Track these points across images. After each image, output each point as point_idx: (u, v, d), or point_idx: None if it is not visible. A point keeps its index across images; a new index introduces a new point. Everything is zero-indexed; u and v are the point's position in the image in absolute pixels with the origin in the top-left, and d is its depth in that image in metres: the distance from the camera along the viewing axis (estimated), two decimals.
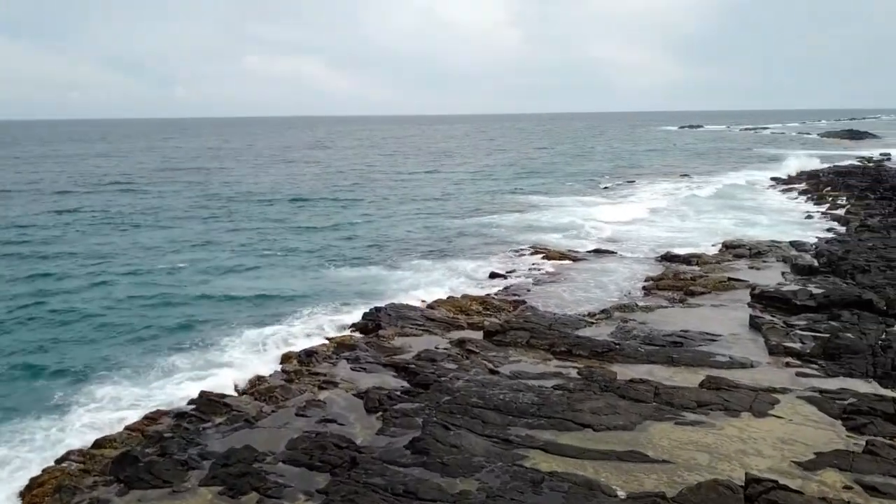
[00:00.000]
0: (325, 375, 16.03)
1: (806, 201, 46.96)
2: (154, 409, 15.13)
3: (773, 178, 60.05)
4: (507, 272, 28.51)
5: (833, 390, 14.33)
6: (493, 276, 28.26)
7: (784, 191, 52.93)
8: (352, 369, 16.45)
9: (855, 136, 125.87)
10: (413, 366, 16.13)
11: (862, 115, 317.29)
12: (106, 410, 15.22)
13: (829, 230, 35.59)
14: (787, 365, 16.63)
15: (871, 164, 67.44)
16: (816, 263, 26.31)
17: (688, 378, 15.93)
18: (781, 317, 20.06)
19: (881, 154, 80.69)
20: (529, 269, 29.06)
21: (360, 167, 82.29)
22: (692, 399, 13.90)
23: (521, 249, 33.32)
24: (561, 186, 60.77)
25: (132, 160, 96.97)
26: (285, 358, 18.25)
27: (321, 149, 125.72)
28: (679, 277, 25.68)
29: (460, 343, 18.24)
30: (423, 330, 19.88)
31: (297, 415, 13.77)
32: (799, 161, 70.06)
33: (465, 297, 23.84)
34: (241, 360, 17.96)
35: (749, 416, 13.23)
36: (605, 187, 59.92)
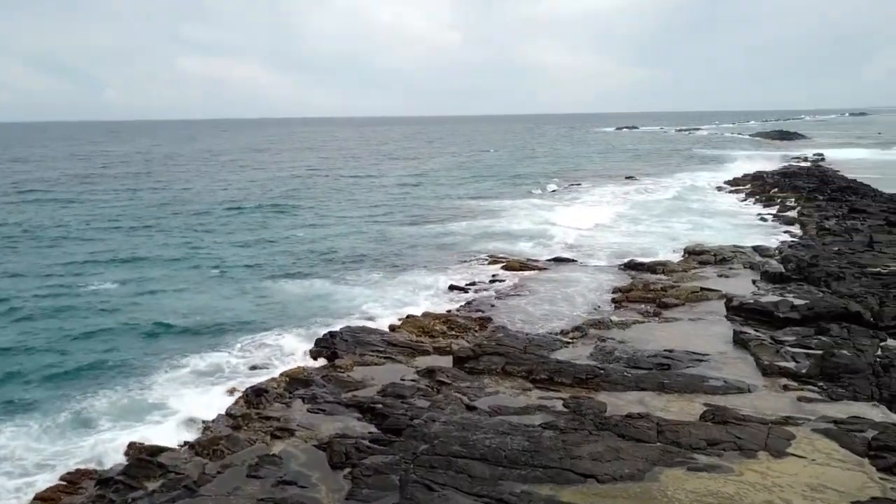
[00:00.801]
0: (278, 420, 13.84)
1: (755, 203, 46.94)
2: (73, 470, 12.69)
3: (718, 180, 60.35)
4: (467, 285, 26.74)
5: (846, 420, 13.05)
6: (451, 288, 26.48)
7: (731, 192, 53.03)
8: (309, 411, 14.30)
9: (785, 136, 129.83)
10: (380, 405, 14.10)
11: (787, 116, 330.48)
12: (8, 474, 12.63)
13: (786, 233, 35.27)
14: (786, 388, 15.38)
15: (811, 165, 68.78)
16: (784, 270, 25.52)
17: (684, 407, 14.48)
18: (765, 331, 18.91)
19: (815, 154, 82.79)
20: (490, 282, 27.37)
21: (299, 171, 79.17)
22: (700, 437, 12.36)
23: (478, 259, 31.69)
24: (509, 190, 59.54)
25: (52, 166, 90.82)
26: (231, 391, 16.03)
27: (258, 152, 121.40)
28: (649, 288, 24.43)
29: (429, 373, 16.32)
30: (384, 357, 17.87)
31: (248, 476, 11.54)
32: (744, 162, 70.97)
33: (426, 315, 21.93)
34: (177, 402, 15.55)
35: (767, 456, 11.76)
36: (553, 190, 59.01)
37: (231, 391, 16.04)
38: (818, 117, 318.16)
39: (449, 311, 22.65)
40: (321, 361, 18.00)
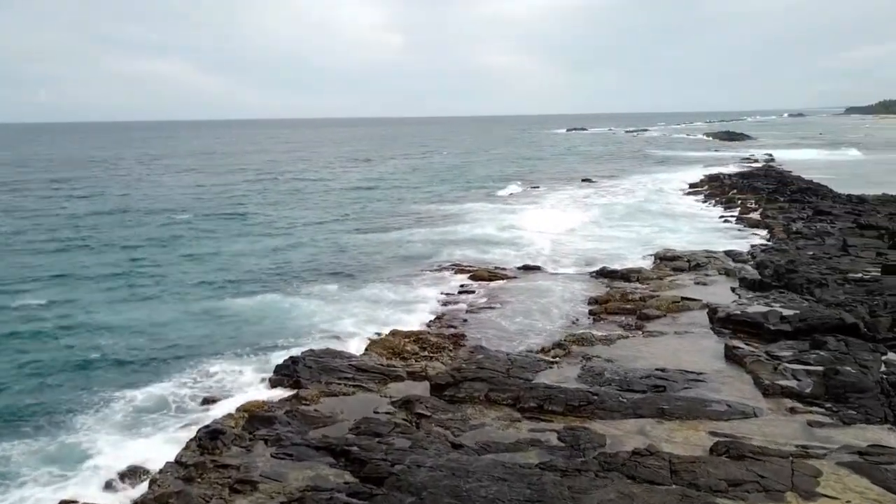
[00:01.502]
0: (237, 469, 11.97)
1: (715, 205, 46.69)
2: None
3: (676, 181, 60.29)
4: (435, 298, 25.15)
5: (870, 451, 11.95)
6: (418, 301, 24.88)
7: (690, 194, 52.81)
8: (273, 456, 12.46)
9: (733, 137, 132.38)
10: (356, 447, 12.37)
11: (730, 117, 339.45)
12: None
13: (753, 236, 34.81)
14: (792, 411, 14.28)
15: (764, 165, 69.52)
16: (761, 276, 24.75)
17: (689, 437, 13.23)
18: (757, 345, 17.90)
19: (765, 154, 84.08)
20: (458, 293, 25.85)
21: (246, 176, 76.01)
22: (720, 477, 11.06)
23: (443, 268, 30.11)
24: (466, 193, 58.17)
25: None
26: (180, 432, 14.07)
27: (201, 155, 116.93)
28: (627, 298, 23.29)
29: (406, 404, 14.66)
30: (354, 385, 16.13)
31: None
32: (698, 163, 71.31)
33: (395, 333, 20.23)
34: (116, 447, 13.48)
35: (796, 498, 10.53)
36: (511, 194, 57.90)
37: (179, 432, 14.05)
38: (759, 118, 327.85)
39: (420, 330, 20.97)
40: (283, 391, 16.13)
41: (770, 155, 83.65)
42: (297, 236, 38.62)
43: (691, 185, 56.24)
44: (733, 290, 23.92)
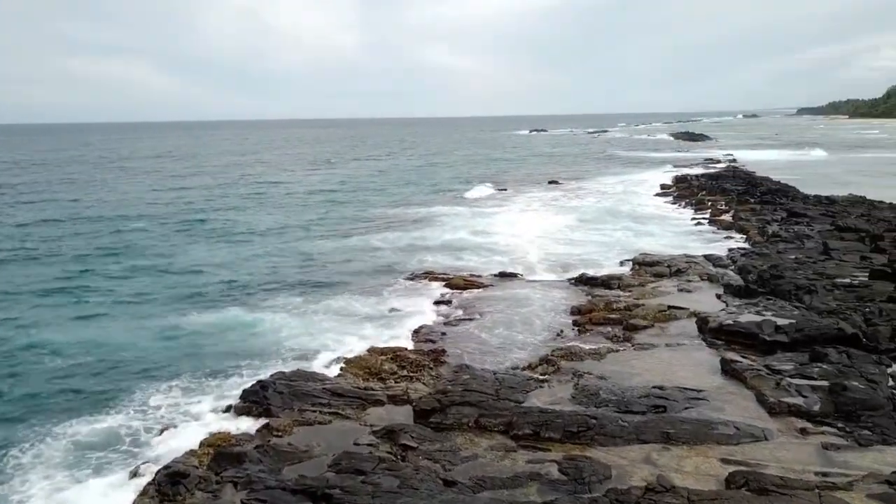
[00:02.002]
0: None
1: (685, 206, 46.34)
2: None
3: (643, 183, 60.08)
4: (410, 310, 23.85)
5: (894, 479, 11.08)
6: (392, 312, 23.60)
7: (658, 195, 52.47)
8: (244, 502, 11.02)
9: (693, 137, 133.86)
10: (338, 490, 11.00)
11: (686, 118, 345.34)
12: None
13: (728, 238, 34.33)
14: (803, 432, 13.38)
15: (727, 166, 69.87)
16: (744, 282, 24.09)
17: (700, 466, 12.21)
18: (754, 357, 17.06)
19: (726, 155, 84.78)
20: (434, 303, 24.58)
21: (203, 180, 73.33)
22: None
23: (416, 276, 28.79)
24: (433, 197, 56.97)
25: None
26: (134, 474, 12.52)
27: (154, 159, 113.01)
28: (612, 308, 22.31)
29: (389, 434, 13.34)
30: (330, 413, 14.74)
31: None
32: (663, 164, 71.36)
33: (371, 351, 18.88)
34: (55, 493, 11.84)
35: None
36: (479, 197, 56.85)
37: (134, 474, 12.48)
38: (715, 119, 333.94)
39: (396, 345, 19.63)
40: (251, 421, 14.65)
41: (732, 155, 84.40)
42: (258, 244, 36.85)
43: (660, 187, 55.94)
44: (718, 297, 23.17)
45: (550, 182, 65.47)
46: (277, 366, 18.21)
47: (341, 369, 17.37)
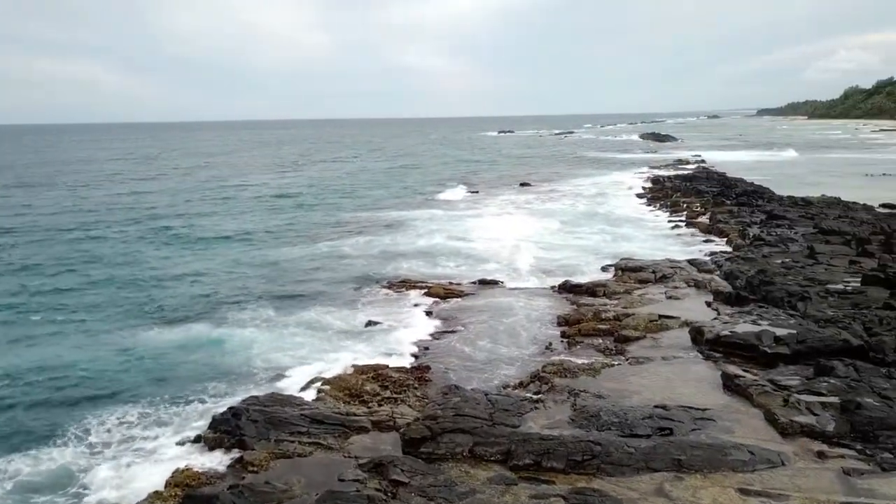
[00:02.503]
0: None
1: (660, 209, 45.88)
2: None
3: (615, 185, 59.69)
4: (389, 322, 22.63)
5: None
6: (370, 324, 22.36)
7: (632, 198, 52.00)
8: None
9: (660, 138, 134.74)
10: None
11: (650, 118, 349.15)
12: None
13: (707, 242, 33.81)
14: (821, 456, 12.52)
15: (697, 167, 69.92)
16: (732, 288, 23.42)
17: (719, 498, 11.25)
18: (756, 371, 16.25)
19: (694, 156, 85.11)
20: (413, 314, 23.40)
21: (163, 184, 70.63)
22: None
23: (392, 285, 27.59)
24: (405, 200, 55.67)
25: None
26: None
27: (112, 162, 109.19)
28: (600, 318, 21.37)
29: (377, 469, 12.10)
30: (310, 443, 13.45)
31: None
32: (633, 166, 71.13)
33: (354, 368, 17.63)
34: None
35: None
36: (450, 200, 55.78)
37: None
38: (679, 120, 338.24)
39: (376, 362, 18.37)
40: (223, 455, 13.28)
41: (700, 156, 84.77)
42: (224, 252, 35.13)
43: (634, 189, 55.54)
44: (708, 304, 22.41)
45: (522, 184, 64.70)
46: (249, 388, 16.88)
47: (319, 391, 16.09)
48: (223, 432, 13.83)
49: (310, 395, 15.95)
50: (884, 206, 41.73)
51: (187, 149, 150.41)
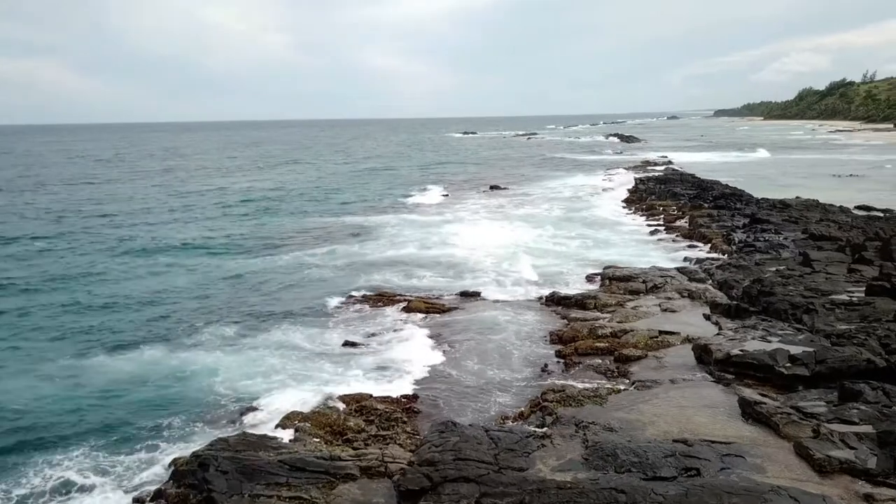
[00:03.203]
0: None
1: (635, 212, 44.88)
2: None
3: (587, 188, 58.70)
4: (366, 342, 20.83)
5: None
6: (346, 344, 20.56)
7: (606, 201, 50.96)
8: None
9: (624, 139, 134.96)
10: None
11: (611, 119, 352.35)
12: None
13: (690, 248, 32.74)
14: (869, 499, 11.17)
15: (666, 169, 69.46)
16: (730, 300, 22.23)
17: None
18: (774, 395, 14.93)
19: (660, 157, 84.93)
20: (394, 332, 21.65)
21: (117, 189, 67.20)
22: None
23: (367, 298, 25.78)
24: (373, 205, 53.69)
25: None
26: None
27: (61, 165, 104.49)
28: (597, 335, 19.92)
29: None
30: (291, 497, 11.59)
31: None
32: (602, 167, 70.38)
33: (334, 401, 15.79)
34: None
35: None
36: (420, 204, 54.04)
37: None
38: (639, 121, 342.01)
39: (358, 391, 16.56)
40: None
41: (666, 157, 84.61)
42: (182, 264, 32.65)
43: (605, 192, 54.58)
44: (707, 317, 21.14)
45: (492, 187, 63.28)
46: (215, 426, 14.97)
47: (297, 430, 14.21)
48: (188, 486, 11.87)
49: (286, 435, 14.09)
50: (859, 207, 41.46)
51: (142, 151, 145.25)
